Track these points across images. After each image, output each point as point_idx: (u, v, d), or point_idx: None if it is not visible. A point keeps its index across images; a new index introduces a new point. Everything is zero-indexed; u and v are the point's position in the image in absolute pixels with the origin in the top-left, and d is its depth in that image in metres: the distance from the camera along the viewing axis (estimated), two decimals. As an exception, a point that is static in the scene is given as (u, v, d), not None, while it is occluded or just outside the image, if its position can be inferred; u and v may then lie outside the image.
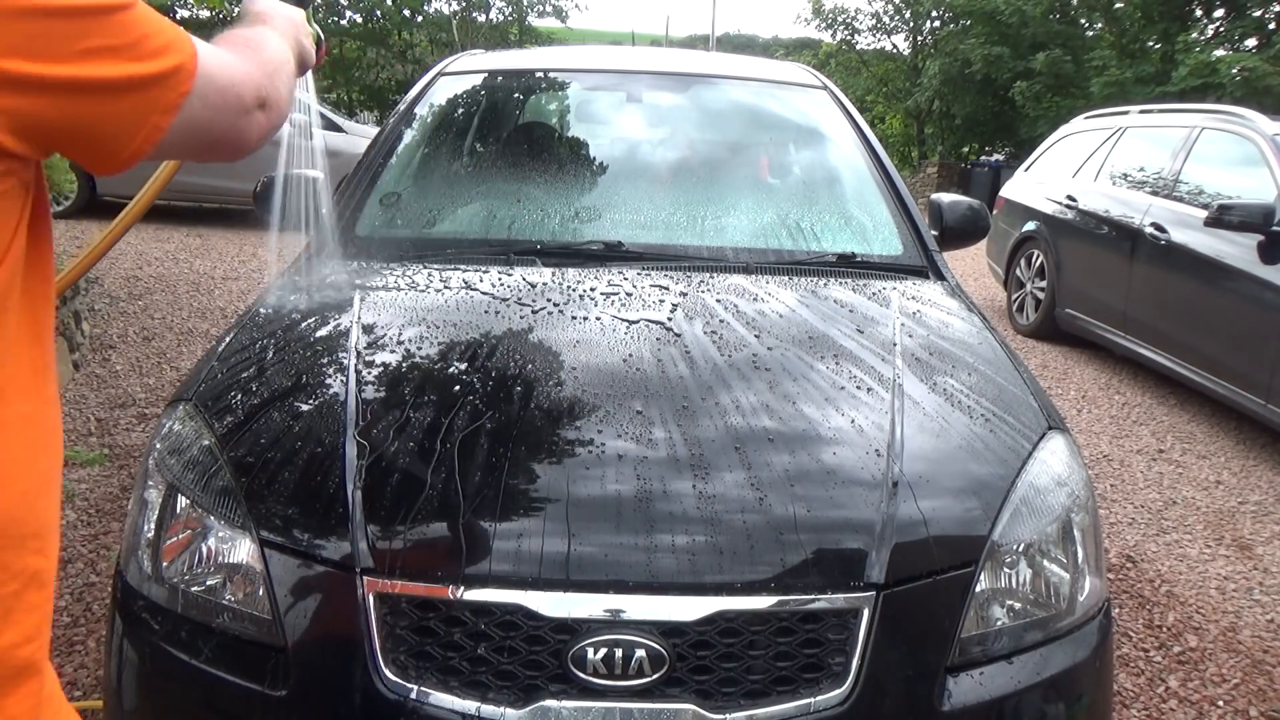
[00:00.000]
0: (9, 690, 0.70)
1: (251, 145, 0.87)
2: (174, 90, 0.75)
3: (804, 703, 1.27)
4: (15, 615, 0.70)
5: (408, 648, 1.28)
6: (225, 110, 0.81)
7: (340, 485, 1.38)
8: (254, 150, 0.89)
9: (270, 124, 0.89)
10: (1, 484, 0.69)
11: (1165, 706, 2.46)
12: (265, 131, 0.88)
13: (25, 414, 0.73)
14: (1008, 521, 1.43)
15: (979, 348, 1.90)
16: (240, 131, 0.85)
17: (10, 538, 0.70)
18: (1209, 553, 3.39)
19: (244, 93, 0.83)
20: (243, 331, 1.88)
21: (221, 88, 0.80)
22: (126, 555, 1.50)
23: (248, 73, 0.85)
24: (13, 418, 0.71)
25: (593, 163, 2.84)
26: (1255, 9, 13.75)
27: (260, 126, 0.87)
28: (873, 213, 2.51)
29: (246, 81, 0.84)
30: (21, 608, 0.71)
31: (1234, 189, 4.98)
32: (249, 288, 6.37)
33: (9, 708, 0.70)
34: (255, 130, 0.86)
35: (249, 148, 0.87)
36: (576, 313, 1.87)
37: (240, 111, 0.83)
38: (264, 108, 0.87)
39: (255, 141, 0.87)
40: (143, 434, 3.83)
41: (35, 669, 0.72)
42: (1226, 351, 4.65)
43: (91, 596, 2.65)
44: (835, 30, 23.77)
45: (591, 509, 1.36)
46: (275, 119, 0.90)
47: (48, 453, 0.76)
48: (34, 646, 0.72)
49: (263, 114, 0.87)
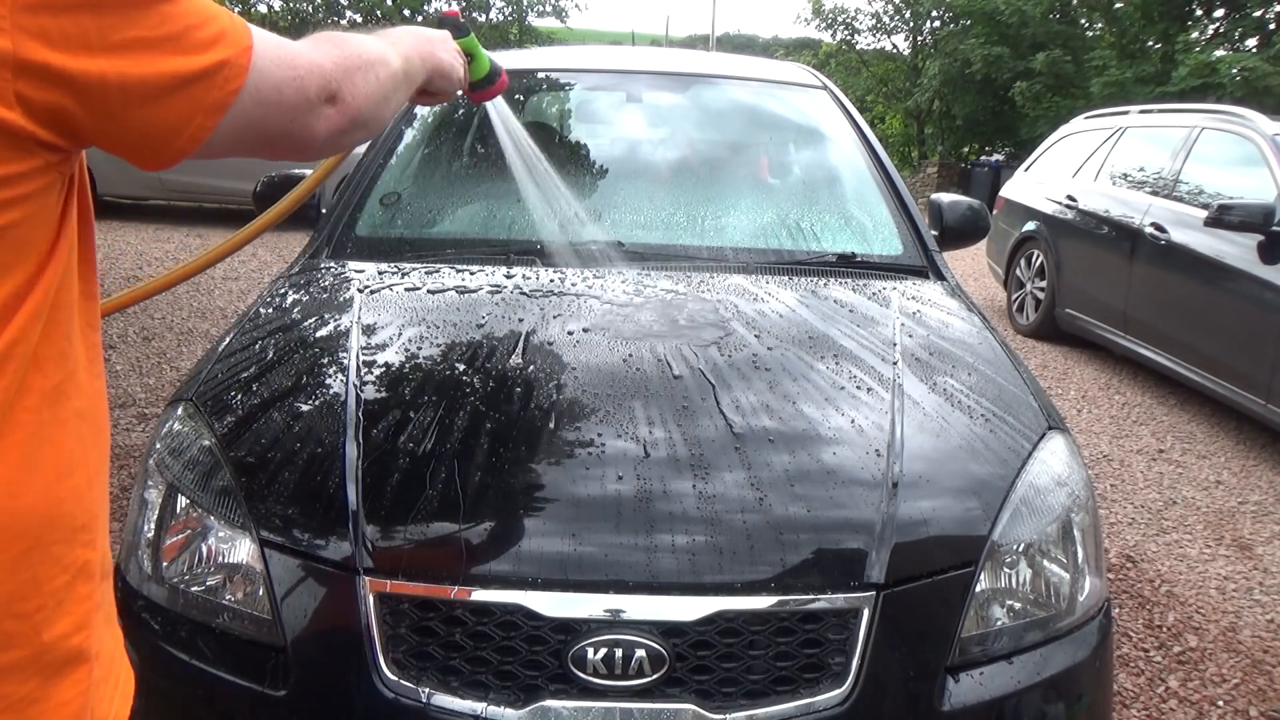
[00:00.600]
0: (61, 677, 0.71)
1: (320, 143, 0.81)
2: (222, 88, 0.69)
3: (804, 703, 1.27)
4: (66, 606, 0.71)
5: (408, 648, 1.28)
6: (283, 105, 0.75)
7: (340, 485, 1.38)
8: (328, 150, 0.84)
9: (344, 121, 0.82)
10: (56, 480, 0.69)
11: (1165, 706, 2.46)
12: (337, 129, 0.82)
13: (79, 409, 0.72)
14: (1008, 521, 1.43)
15: (979, 348, 1.90)
16: (304, 128, 0.78)
17: (61, 531, 0.70)
18: (1209, 553, 3.39)
19: (307, 85, 0.77)
20: (243, 331, 1.88)
21: (280, 82, 0.74)
22: (126, 555, 1.50)
23: (314, 63, 0.78)
24: (69, 414, 0.71)
25: (593, 163, 2.84)
26: (1255, 9, 13.75)
27: (330, 122, 0.80)
28: (873, 213, 2.51)
29: (312, 73, 0.77)
30: (73, 599, 0.71)
31: (1234, 189, 4.98)
32: (249, 288, 6.37)
33: (60, 693, 0.71)
34: (323, 127, 0.80)
35: (317, 145, 0.81)
36: (576, 313, 1.87)
37: (302, 107, 0.77)
38: (333, 102, 0.80)
39: (325, 139, 0.81)
40: (143, 434, 3.83)
41: (85, 657, 0.73)
42: (1226, 351, 4.65)
43: (91, 596, 2.65)
44: (835, 30, 23.78)
45: (591, 509, 1.36)
46: (351, 116, 0.83)
47: (97, 445, 0.76)
48: (84, 635, 0.73)
49: (333, 109, 0.80)
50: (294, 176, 2.45)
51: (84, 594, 0.73)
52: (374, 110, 0.88)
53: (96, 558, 0.75)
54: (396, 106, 0.97)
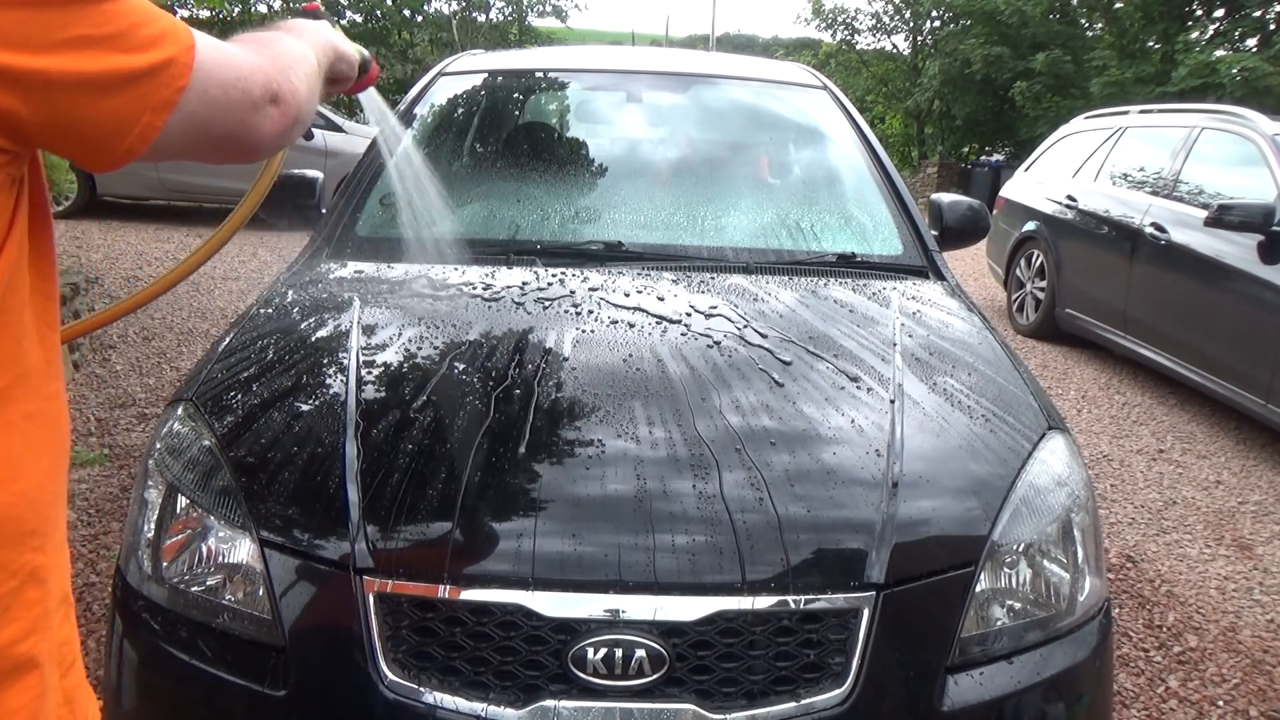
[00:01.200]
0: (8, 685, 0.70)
1: (266, 143, 0.82)
2: (168, 86, 0.70)
3: (804, 703, 1.27)
4: (14, 611, 0.70)
5: (408, 648, 1.28)
6: (230, 106, 0.76)
7: (340, 485, 1.38)
8: (271, 150, 0.84)
9: (286, 121, 0.83)
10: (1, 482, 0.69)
11: (1165, 706, 2.46)
12: (280, 128, 0.82)
13: (29, 411, 0.72)
14: (1008, 521, 1.43)
15: (979, 348, 1.90)
16: (252, 128, 0.79)
17: (9, 535, 0.69)
18: (1209, 553, 3.39)
19: (251, 86, 0.78)
20: (243, 331, 1.88)
21: (225, 82, 0.75)
22: (126, 555, 1.50)
23: (256, 65, 0.79)
24: (16, 416, 0.70)
25: (593, 163, 2.85)
26: (1255, 9, 13.74)
27: (274, 123, 0.81)
28: (873, 213, 2.51)
29: (255, 74, 0.78)
30: (20, 604, 0.71)
31: (1234, 189, 4.98)
32: (249, 288, 6.37)
33: (8, 701, 0.70)
34: (269, 127, 0.80)
35: (264, 145, 0.82)
36: (576, 313, 1.87)
37: (248, 107, 0.78)
38: (276, 103, 0.81)
39: (270, 139, 0.82)
40: (143, 434, 3.83)
41: (34, 664, 0.72)
42: (1226, 351, 4.65)
43: (91, 596, 2.65)
44: (835, 30, 23.75)
45: (591, 509, 1.36)
46: (291, 115, 0.84)
47: (50, 450, 0.75)
48: (32, 641, 0.72)
49: (275, 109, 0.81)
50: (294, 177, 2.45)
51: (33, 599, 0.72)
52: (307, 107, 0.89)
53: (48, 563, 0.74)
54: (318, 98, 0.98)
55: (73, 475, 3.40)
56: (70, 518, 3.10)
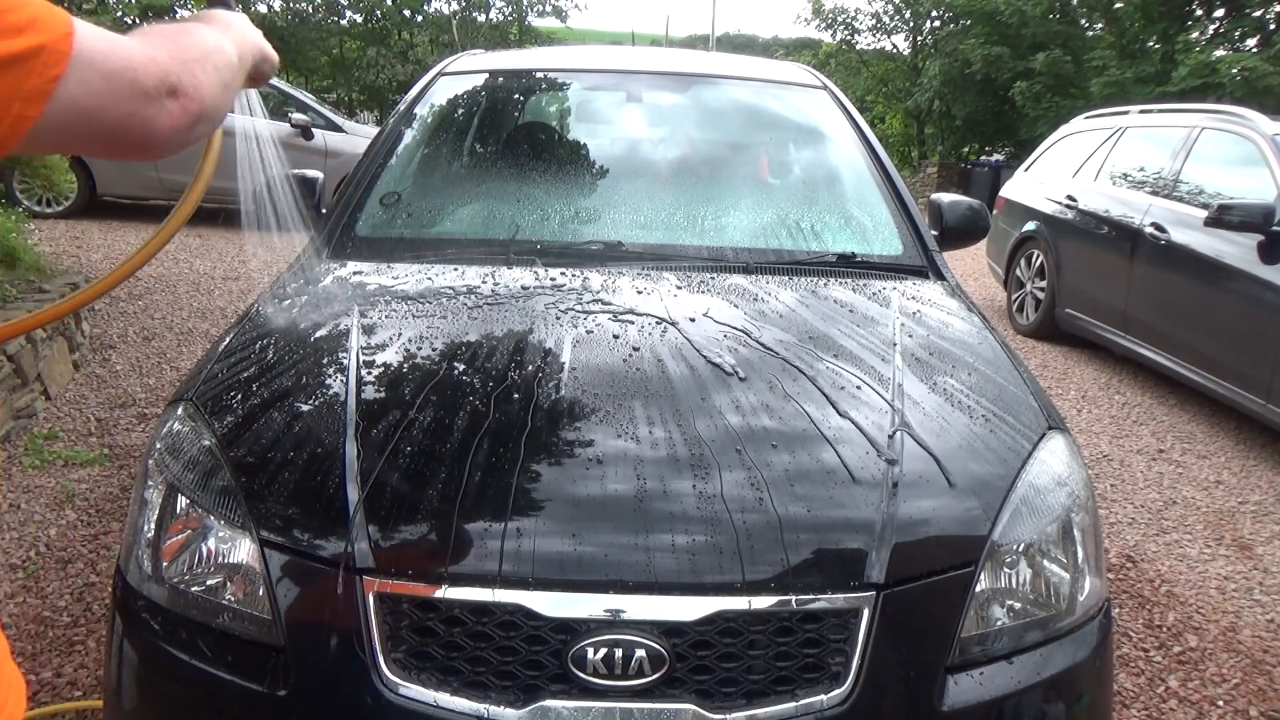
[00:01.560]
0: None
1: (164, 138, 0.77)
2: (41, 74, 0.66)
3: (804, 703, 1.27)
4: None
5: (408, 648, 1.28)
6: (116, 97, 0.72)
7: (340, 485, 1.38)
8: (173, 146, 0.79)
9: (188, 115, 0.78)
10: None
11: (1165, 706, 2.46)
12: (181, 123, 0.78)
13: None
14: (1008, 521, 1.43)
15: (979, 347, 1.90)
16: (144, 122, 0.74)
17: None
18: (1209, 553, 3.39)
19: (143, 78, 0.73)
20: (243, 331, 1.88)
21: (109, 71, 0.71)
22: (126, 555, 1.50)
23: (150, 57, 0.75)
24: None
25: (593, 163, 2.85)
26: (1255, 9, 13.74)
27: (173, 117, 0.77)
28: (873, 213, 2.51)
29: (147, 66, 0.74)
30: None
31: (1234, 189, 4.98)
32: (249, 288, 6.37)
33: None
34: (166, 121, 0.76)
35: (161, 141, 0.77)
36: (576, 313, 1.87)
37: (138, 98, 0.73)
38: (175, 96, 0.77)
39: (169, 134, 0.77)
40: (143, 434, 3.83)
41: None
42: (1226, 351, 4.65)
43: (91, 596, 2.65)
44: (835, 30, 23.76)
45: (591, 509, 1.36)
46: (193, 111, 0.79)
47: None
48: None
49: (175, 103, 0.77)
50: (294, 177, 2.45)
51: None
52: (217, 101, 0.85)
53: None
54: (234, 95, 0.94)
55: (73, 475, 3.40)
56: (70, 518, 3.10)
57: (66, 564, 2.82)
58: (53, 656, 2.38)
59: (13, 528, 3.02)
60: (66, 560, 2.84)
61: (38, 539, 2.96)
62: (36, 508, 3.16)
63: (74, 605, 2.60)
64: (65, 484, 3.33)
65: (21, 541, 2.94)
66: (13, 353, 3.70)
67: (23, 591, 2.67)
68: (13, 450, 3.56)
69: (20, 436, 3.68)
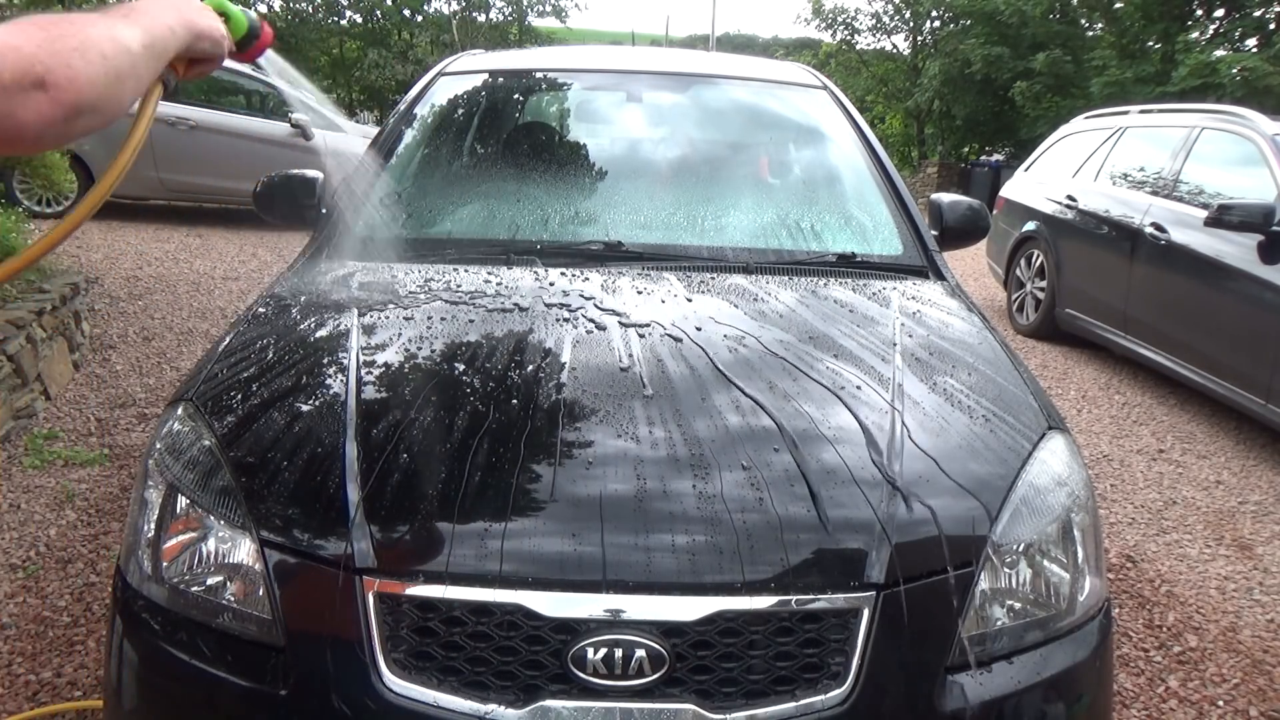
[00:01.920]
0: None
1: (33, 133, 0.74)
2: None
3: (804, 703, 1.27)
4: None
5: (408, 648, 1.28)
6: None
7: (340, 485, 1.38)
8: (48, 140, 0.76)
9: (61, 108, 0.75)
10: None
11: (1165, 706, 2.46)
12: (52, 116, 0.74)
13: None
14: (1008, 521, 1.43)
15: (979, 348, 1.90)
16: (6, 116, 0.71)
17: None
18: (1209, 553, 3.39)
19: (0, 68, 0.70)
20: (243, 331, 1.88)
21: None
22: (126, 555, 1.50)
23: (9, 45, 0.71)
24: None
25: (593, 163, 2.85)
26: (1255, 9, 13.75)
27: (42, 110, 0.73)
28: (873, 213, 2.51)
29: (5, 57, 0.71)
30: None
31: (1234, 189, 4.98)
32: (249, 288, 6.37)
33: None
34: (33, 114, 0.73)
35: (31, 136, 0.74)
36: (576, 313, 1.87)
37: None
38: (43, 87, 0.73)
39: (39, 128, 0.74)
40: (143, 434, 3.83)
41: None
42: (1226, 351, 4.65)
43: (91, 596, 2.65)
44: (835, 30, 23.78)
45: (591, 508, 1.36)
46: (67, 102, 0.75)
47: None
48: None
49: (43, 95, 0.73)
50: (294, 177, 2.45)
51: None
52: (103, 93, 0.80)
53: None
54: (139, 86, 0.90)
55: (73, 475, 3.41)
56: (70, 518, 3.10)
57: (66, 564, 2.82)
58: (53, 656, 2.38)
59: (13, 528, 3.02)
60: (66, 560, 2.84)
61: (38, 539, 2.96)
62: (36, 508, 3.16)
63: (74, 605, 2.60)
64: (65, 484, 3.33)
65: (21, 541, 2.94)
66: (13, 353, 3.70)
67: (23, 591, 2.67)
68: (13, 450, 3.56)
69: (20, 436, 3.68)
